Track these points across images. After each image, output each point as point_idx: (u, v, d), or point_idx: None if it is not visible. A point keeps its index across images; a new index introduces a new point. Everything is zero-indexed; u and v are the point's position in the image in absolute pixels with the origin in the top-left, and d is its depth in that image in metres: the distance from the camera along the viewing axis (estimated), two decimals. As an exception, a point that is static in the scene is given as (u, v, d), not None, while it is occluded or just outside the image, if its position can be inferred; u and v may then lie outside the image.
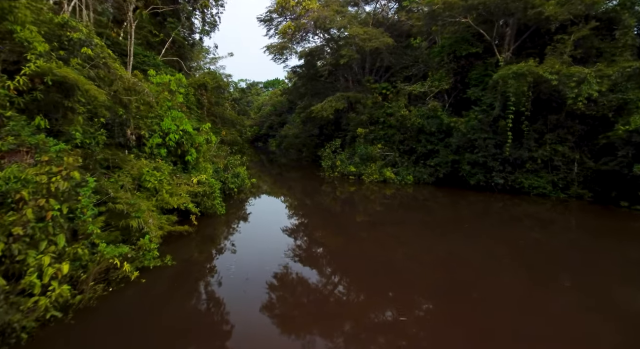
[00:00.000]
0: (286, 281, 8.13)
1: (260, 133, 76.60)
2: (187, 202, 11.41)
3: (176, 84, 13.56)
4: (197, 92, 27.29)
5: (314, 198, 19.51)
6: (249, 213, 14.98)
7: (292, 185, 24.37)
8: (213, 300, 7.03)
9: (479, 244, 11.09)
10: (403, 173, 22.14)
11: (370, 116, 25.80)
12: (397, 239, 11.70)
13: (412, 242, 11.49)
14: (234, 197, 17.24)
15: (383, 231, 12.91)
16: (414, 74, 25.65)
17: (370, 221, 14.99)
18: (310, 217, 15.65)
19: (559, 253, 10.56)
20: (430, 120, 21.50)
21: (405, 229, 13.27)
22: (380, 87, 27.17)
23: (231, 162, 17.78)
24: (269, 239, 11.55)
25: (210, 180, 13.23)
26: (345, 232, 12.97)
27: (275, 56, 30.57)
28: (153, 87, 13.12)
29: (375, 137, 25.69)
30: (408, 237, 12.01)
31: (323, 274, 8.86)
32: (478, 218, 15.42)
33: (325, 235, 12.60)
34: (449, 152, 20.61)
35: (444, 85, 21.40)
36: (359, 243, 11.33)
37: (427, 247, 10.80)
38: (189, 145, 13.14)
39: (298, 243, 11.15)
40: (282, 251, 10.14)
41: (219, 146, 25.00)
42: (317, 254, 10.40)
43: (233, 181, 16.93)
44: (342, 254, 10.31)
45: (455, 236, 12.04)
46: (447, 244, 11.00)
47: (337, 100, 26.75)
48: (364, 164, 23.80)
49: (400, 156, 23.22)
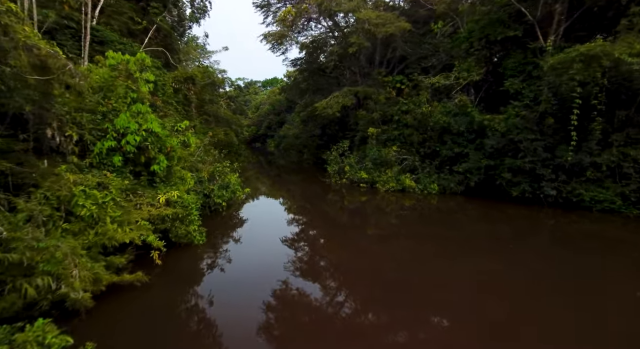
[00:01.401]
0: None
1: (258, 133, 73.22)
2: (145, 233, 7.96)
3: (138, 66, 10.06)
4: (183, 86, 23.82)
5: (322, 211, 16.05)
6: (239, 238, 11.49)
7: (293, 193, 20.90)
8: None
9: (523, 269, 8.97)
10: (425, 181, 18.70)
11: (383, 114, 22.35)
12: (415, 257, 9.97)
13: (434, 261, 9.61)
14: (221, 214, 13.79)
15: (399, 247, 11.20)
16: (434, 65, 22.23)
17: (385, 234, 11.79)
18: (318, 239, 12.21)
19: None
20: (457, 118, 18.08)
21: (425, 245, 11.26)
22: (394, 80, 23.73)
23: (219, 169, 14.29)
24: (263, 281, 8.03)
25: (184, 197, 9.74)
26: (358, 250, 10.59)
27: (274, 46, 27.10)
28: (104, 71, 9.65)
29: (388, 138, 22.24)
30: (429, 256, 10.10)
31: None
32: (521, 237, 12.16)
33: (346, 277, 9.10)
34: (481, 156, 17.18)
35: (474, 77, 17.99)
36: (371, 260, 9.65)
37: (451, 269, 8.94)
38: (155, 150, 9.66)
39: (307, 294, 7.65)
40: (283, 303, 6.72)
41: (208, 148, 21.54)
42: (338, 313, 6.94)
43: (220, 193, 13.48)
44: (356, 278, 7.24)
45: (489, 257, 9.84)
46: (478, 266, 9.05)
47: (344, 95, 23.30)
48: (377, 170, 20.34)
49: (420, 160, 19.77)
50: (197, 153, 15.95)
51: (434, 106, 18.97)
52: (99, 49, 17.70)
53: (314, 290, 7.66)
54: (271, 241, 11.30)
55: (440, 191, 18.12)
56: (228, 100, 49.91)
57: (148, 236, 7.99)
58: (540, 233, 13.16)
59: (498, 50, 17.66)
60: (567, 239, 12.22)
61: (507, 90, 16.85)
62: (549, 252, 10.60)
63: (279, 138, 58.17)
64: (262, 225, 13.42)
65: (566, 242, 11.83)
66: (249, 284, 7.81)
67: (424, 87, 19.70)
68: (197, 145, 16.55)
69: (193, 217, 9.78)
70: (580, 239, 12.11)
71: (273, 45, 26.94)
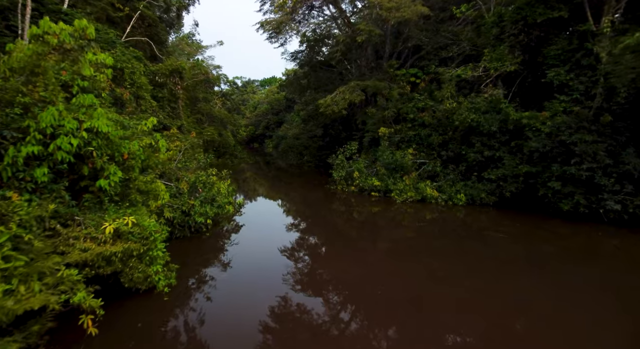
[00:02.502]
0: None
1: (256, 133, 70.50)
2: (69, 289, 5.13)
3: (76, 39, 7.23)
4: (169, 80, 20.99)
5: (329, 228, 13.19)
6: (222, 275, 8.64)
7: (293, 204, 18.07)
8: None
9: (575, 302, 7.13)
10: (449, 190, 15.92)
11: (396, 112, 19.56)
12: (438, 279, 8.45)
13: (459, 284, 8.07)
14: (205, 235, 10.97)
15: (419, 267, 9.35)
16: (453, 56, 19.45)
17: (402, 253, 9.16)
18: (326, 270, 9.37)
19: None
20: (488, 115, 15.30)
21: (451, 266, 9.36)
22: (408, 74, 20.94)
23: (202, 179, 11.46)
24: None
25: (145, 224, 6.92)
26: (373, 276, 8.32)
27: (271, 36, 24.25)
28: (27, 48, 6.81)
29: (402, 140, 19.48)
30: (454, 277, 8.53)
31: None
32: (574, 262, 9.68)
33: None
34: (517, 161, 14.42)
35: (508, 67, 15.21)
36: (388, 284, 8.14)
37: (480, 294, 7.52)
38: (104, 158, 6.85)
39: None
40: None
41: (195, 151, 18.71)
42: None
43: (203, 210, 10.64)
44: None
45: (529, 284, 8.04)
46: (514, 294, 7.52)
47: (351, 91, 20.49)
48: (391, 177, 17.54)
49: (442, 165, 16.99)
50: (177, 158, 13.12)
51: (461, 102, 16.19)
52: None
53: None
54: (266, 275, 8.47)
55: (468, 202, 15.35)
56: (223, 98, 47.09)
57: (75, 294, 5.18)
58: (599, 258, 10.40)
59: (537, 35, 14.87)
60: (638, 266, 9.53)
61: (548, 82, 14.12)
62: (613, 283, 8.17)
63: (277, 138, 55.42)
64: (256, 251, 10.57)
65: (636, 270, 9.15)
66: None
67: (447, 80, 16.90)
68: (179, 148, 13.74)
69: (156, 253, 6.95)
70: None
71: (271, 35, 24.09)
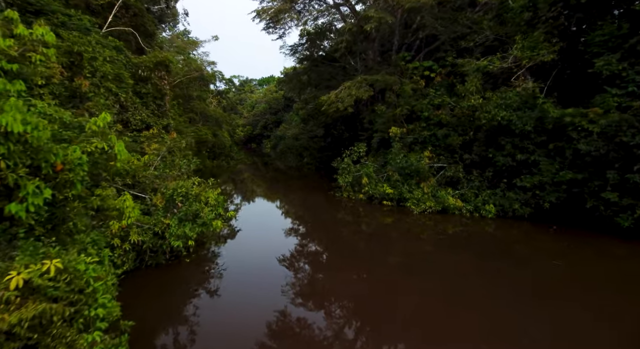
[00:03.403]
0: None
1: (254, 133, 68.33)
2: None
3: None
4: (154, 74, 18.73)
5: (336, 245, 10.94)
6: (203, 318, 6.38)
7: (293, 214, 15.82)
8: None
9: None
10: (474, 200, 13.75)
11: (409, 109, 17.37)
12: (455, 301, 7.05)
13: (484, 308, 6.80)
14: (185, 261, 8.74)
15: (439, 288, 7.96)
16: (472, 46, 17.26)
17: (420, 275, 7.32)
18: (336, 305, 7.15)
19: None
20: (521, 113, 13.12)
21: (472, 286, 8.03)
22: (422, 67, 18.75)
23: (180, 191, 9.17)
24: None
25: (77, 268, 4.68)
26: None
27: (269, 25, 21.97)
28: None
29: (416, 141, 17.30)
30: (476, 300, 7.17)
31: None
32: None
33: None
34: (557, 166, 12.25)
35: (544, 56, 13.02)
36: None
37: (512, 326, 6.13)
38: (18, 172, 4.62)
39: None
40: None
41: (182, 154, 16.45)
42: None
43: (181, 231, 8.39)
44: None
45: (575, 312, 6.66)
46: (555, 323, 6.06)
47: (357, 86, 18.29)
48: (405, 183, 15.34)
49: (464, 170, 14.81)
50: (155, 164, 10.88)
51: (487, 98, 13.99)
52: (33, 20, 12.52)
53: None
54: (260, 320, 6.23)
55: (498, 214, 13.16)
56: (219, 96, 44.81)
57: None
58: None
59: (580, 18, 12.70)
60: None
61: (592, 74, 11.96)
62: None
63: (275, 139, 53.26)
64: (247, 282, 8.29)
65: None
66: None
67: (471, 72, 14.69)
68: (158, 152, 11.48)
69: (95, 312, 4.71)
70: None
71: (268, 25, 21.83)
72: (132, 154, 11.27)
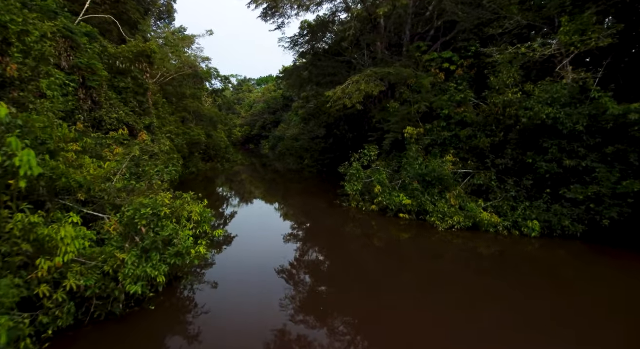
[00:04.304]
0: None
1: (252, 134, 66.18)
2: None
3: None
4: (134, 66, 16.39)
5: (348, 272, 8.62)
6: None
7: (293, 228, 13.46)
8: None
9: None
10: (511, 213, 11.47)
11: (428, 105, 15.10)
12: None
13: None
14: (149, 308, 6.41)
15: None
16: (500, 34, 15.02)
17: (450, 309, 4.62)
18: None
19: None
20: (569, 109, 10.84)
21: (512, 321, 6.25)
22: (440, 58, 16.46)
23: (146, 212, 6.79)
24: None
25: None
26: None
27: (266, 12, 19.62)
28: None
29: (434, 142, 15.04)
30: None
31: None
32: None
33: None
34: (617, 174, 9.99)
35: (596, 41, 10.73)
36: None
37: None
38: None
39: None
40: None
41: (165, 157, 14.17)
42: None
43: (141, 270, 6.05)
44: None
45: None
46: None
47: (367, 80, 15.99)
48: (426, 193, 13.04)
49: (497, 178, 12.53)
50: (120, 173, 8.55)
51: (527, 92, 11.69)
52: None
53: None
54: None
55: (542, 231, 10.87)
56: (214, 95, 42.45)
57: None
58: None
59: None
60: None
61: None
62: None
63: (274, 139, 51.01)
64: (238, 324, 5.97)
65: None
66: None
67: (506, 61, 12.38)
68: (122, 159, 9.13)
69: None
70: None
71: (265, 12, 19.49)
72: (93, 160, 8.97)
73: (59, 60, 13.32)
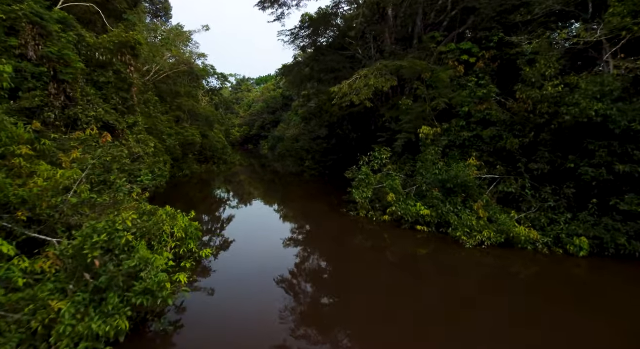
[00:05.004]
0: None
1: (251, 134, 64.58)
2: None
3: None
4: (115, 58, 14.67)
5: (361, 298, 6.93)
6: None
7: (293, 242, 11.70)
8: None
9: None
10: (549, 227, 9.78)
11: (447, 102, 13.41)
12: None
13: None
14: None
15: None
16: (530, 20, 13.34)
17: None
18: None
19: None
20: (622, 104, 9.15)
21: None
22: (457, 50, 14.78)
23: (98, 241, 5.09)
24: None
25: None
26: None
27: (264, 3, 17.89)
28: None
29: (452, 144, 13.37)
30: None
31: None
32: None
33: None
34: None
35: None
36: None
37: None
38: None
39: None
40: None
41: (151, 160, 12.49)
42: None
43: (83, 326, 4.35)
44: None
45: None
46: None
47: (376, 74, 14.30)
48: (447, 202, 11.33)
49: (530, 184, 10.83)
50: (78, 183, 6.83)
51: (570, 84, 9.98)
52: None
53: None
54: None
55: (592, 250, 9.17)
56: (210, 93, 40.72)
57: None
58: None
59: None
60: None
61: None
62: None
63: (273, 139, 49.32)
64: None
65: None
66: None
67: (544, 49, 10.66)
68: (84, 164, 7.39)
69: None
70: None
71: (263, 2, 17.75)
72: (52, 168, 7.24)
73: (25, 50, 11.66)
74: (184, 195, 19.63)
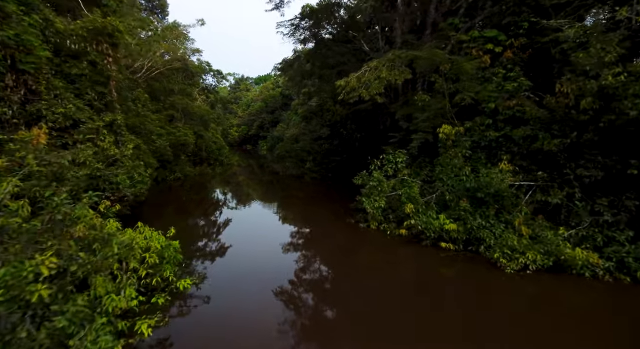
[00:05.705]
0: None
1: (249, 134, 62.78)
2: None
3: None
4: (90, 47, 12.84)
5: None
6: None
7: (300, 264, 9.84)
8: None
9: None
10: (606, 247, 7.99)
11: (472, 97, 11.61)
12: None
13: None
14: None
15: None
16: (567, 1, 11.57)
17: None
18: None
19: None
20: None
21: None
22: (481, 38, 12.97)
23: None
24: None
25: None
26: None
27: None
28: None
29: (476, 145, 11.59)
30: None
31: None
32: None
33: None
34: None
35: None
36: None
37: None
38: None
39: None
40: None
41: (130, 163, 10.74)
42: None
43: None
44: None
45: None
46: None
47: (389, 66, 12.48)
48: (479, 215, 9.52)
49: (580, 193, 9.03)
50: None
51: (632, 72, 8.18)
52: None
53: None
54: None
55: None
56: (206, 91, 38.88)
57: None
58: None
59: None
60: None
61: None
62: None
63: (272, 140, 47.58)
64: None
65: None
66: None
67: (599, 31, 8.85)
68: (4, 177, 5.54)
69: None
70: None
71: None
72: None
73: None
74: (175, 197, 18.04)
